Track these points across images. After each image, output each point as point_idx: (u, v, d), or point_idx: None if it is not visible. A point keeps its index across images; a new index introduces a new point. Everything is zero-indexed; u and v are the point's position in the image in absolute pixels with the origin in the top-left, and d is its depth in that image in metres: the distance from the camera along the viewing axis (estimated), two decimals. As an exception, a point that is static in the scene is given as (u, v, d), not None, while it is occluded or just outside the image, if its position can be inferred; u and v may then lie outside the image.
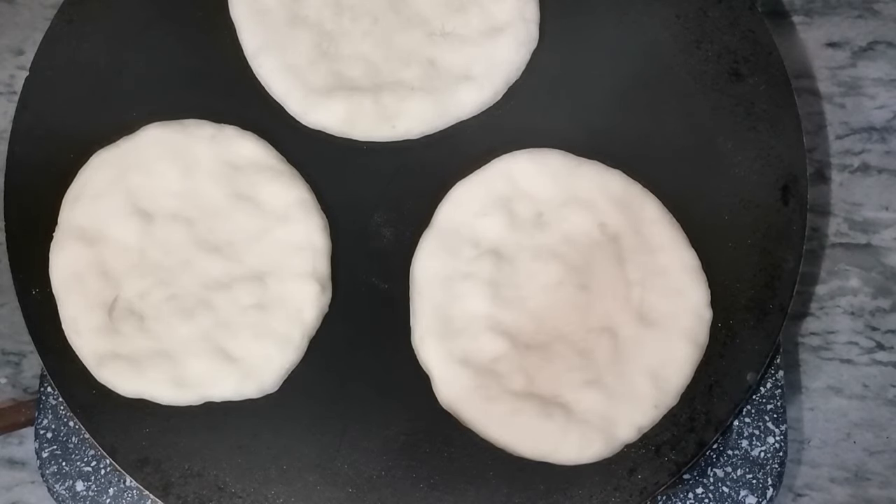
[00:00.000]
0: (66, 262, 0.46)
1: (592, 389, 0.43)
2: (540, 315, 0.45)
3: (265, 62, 0.49)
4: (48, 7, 0.61)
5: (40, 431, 0.49)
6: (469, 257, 0.46)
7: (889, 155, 0.57)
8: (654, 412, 0.44)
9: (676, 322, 0.44)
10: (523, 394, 0.44)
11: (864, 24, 0.59)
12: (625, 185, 0.46)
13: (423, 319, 0.45)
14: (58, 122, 0.49)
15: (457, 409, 0.44)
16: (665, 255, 0.45)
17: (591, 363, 0.44)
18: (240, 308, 0.45)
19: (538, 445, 0.43)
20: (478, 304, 0.45)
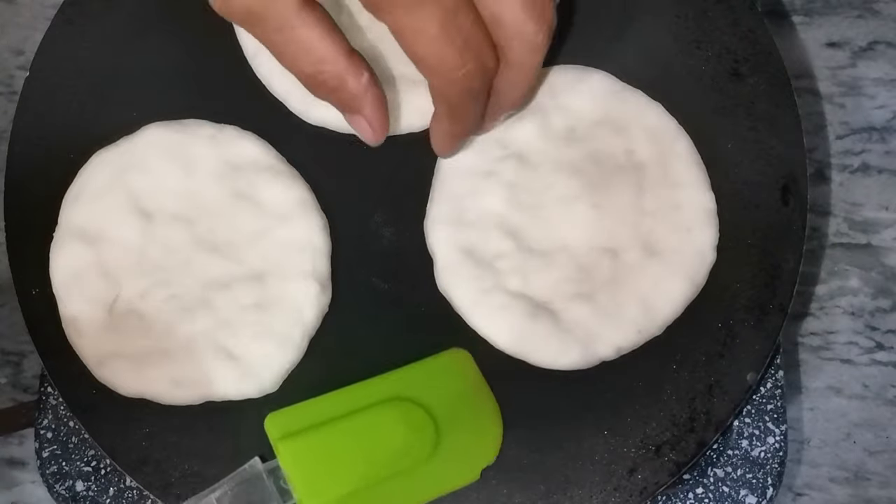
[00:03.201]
0: (66, 261, 0.46)
1: (583, 303, 0.45)
2: (550, 224, 0.46)
3: (265, 62, 0.49)
4: (48, 7, 0.61)
5: (40, 431, 0.49)
6: (495, 157, 0.47)
7: (889, 155, 0.57)
8: (637, 337, 0.45)
9: (679, 257, 0.45)
10: (516, 293, 0.45)
11: (864, 24, 0.59)
12: (662, 118, 0.47)
13: (439, 206, 0.47)
14: (58, 122, 0.49)
15: (451, 294, 0.45)
16: (684, 192, 0.46)
17: (588, 279, 0.45)
18: (240, 308, 0.45)
19: (518, 343, 0.45)
20: (493, 202, 0.46)
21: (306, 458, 0.42)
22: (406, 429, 0.43)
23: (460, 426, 0.44)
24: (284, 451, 0.42)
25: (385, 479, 0.42)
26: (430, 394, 0.44)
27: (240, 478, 0.42)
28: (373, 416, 0.43)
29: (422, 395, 0.44)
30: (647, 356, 0.45)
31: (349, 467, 0.42)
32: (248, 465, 0.42)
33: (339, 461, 0.42)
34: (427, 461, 0.43)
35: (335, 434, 0.42)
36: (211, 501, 0.41)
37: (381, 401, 0.43)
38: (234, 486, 0.41)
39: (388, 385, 0.44)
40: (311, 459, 0.42)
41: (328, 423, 0.43)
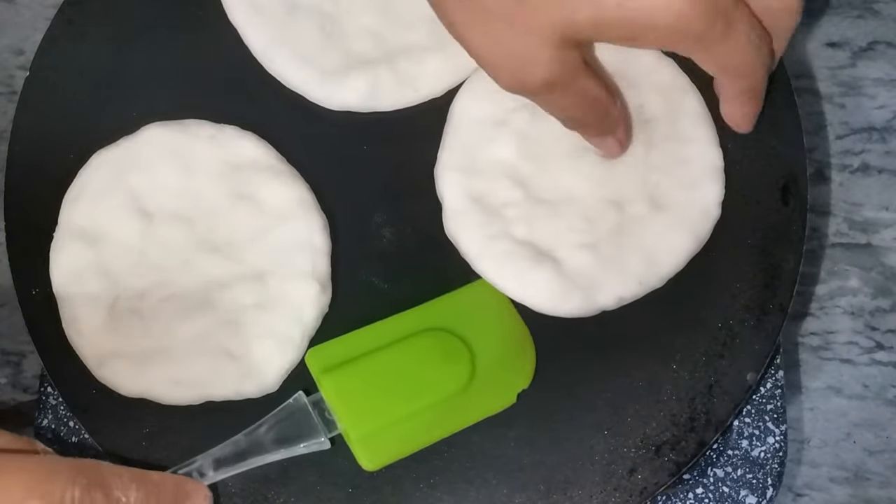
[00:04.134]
0: (66, 261, 0.46)
1: (586, 252, 0.45)
2: (558, 175, 0.47)
3: (276, 57, 0.49)
4: (48, 7, 0.61)
5: (40, 431, 0.49)
6: (508, 107, 0.47)
7: (889, 155, 0.57)
8: (638, 288, 0.45)
9: (684, 212, 0.46)
10: (522, 240, 0.46)
11: (864, 24, 0.59)
12: (674, 74, 0.48)
13: (450, 153, 0.47)
14: (58, 122, 0.49)
15: (458, 239, 0.46)
16: (692, 148, 0.47)
17: (593, 229, 0.46)
18: (240, 308, 0.45)
19: (521, 288, 0.45)
20: (504, 151, 0.47)
21: (349, 389, 0.43)
22: (443, 357, 0.44)
23: (495, 352, 0.45)
24: (327, 384, 0.43)
25: (425, 407, 0.44)
26: (464, 323, 0.45)
27: (285, 411, 0.43)
28: (411, 346, 0.44)
29: (456, 325, 0.45)
30: (647, 356, 0.45)
31: (391, 396, 0.43)
32: (293, 398, 0.43)
33: (380, 391, 0.43)
34: (464, 388, 0.44)
35: (375, 365, 0.44)
36: (259, 434, 0.42)
37: (417, 331, 0.45)
38: (280, 420, 0.43)
39: (423, 316, 0.46)
40: (353, 390, 0.43)
41: (367, 354, 0.44)
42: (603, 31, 0.39)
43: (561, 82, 0.40)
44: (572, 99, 0.42)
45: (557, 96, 0.41)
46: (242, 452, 0.42)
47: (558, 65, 0.40)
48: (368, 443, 0.43)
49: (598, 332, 0.46)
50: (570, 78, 0.41)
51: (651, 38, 0.40)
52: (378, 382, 0.44)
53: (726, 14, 0.39)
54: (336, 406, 0.43)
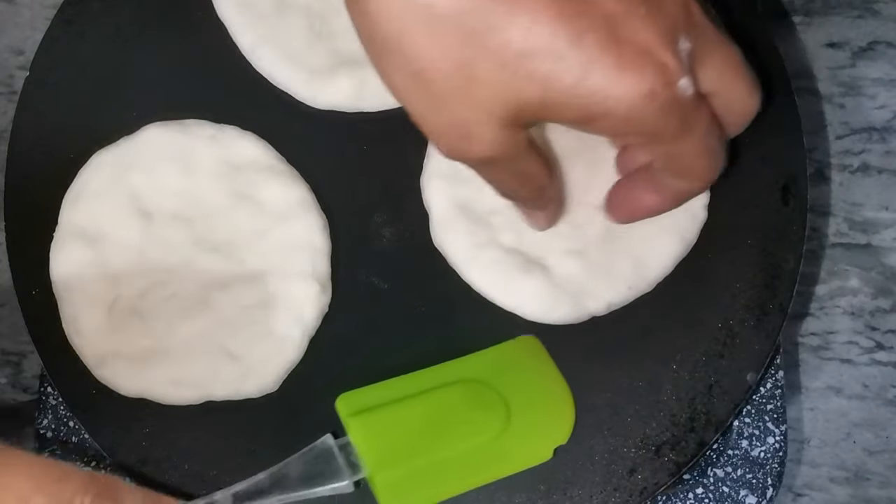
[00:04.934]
0: (66, 262, 0.46)
1: (575, 259, 0.45)
2: None
3: (264, 55, 0.48)
4: (48, 7, 0.61)
5: (40, 431, 0.49)
6: None
7: (889, 155, 0.57)
8: (628, 293, 0.45)
9: (671, 216, 0.45)
10: (510, 248, 0.46)
11: (864, 24, 0.59)
12: None
13: (436, 161, 0.47)
14: (58, 122, 0.49)
15: (445, 248, 0.46)
16: None
17: (581, 235, 0.46)
18: (240, 307, 0.45)
19: (511, 296, 0.45)
20: None
21: (376, 434, 0.42)
22: (476, 407, 0.43)
23: (531, 406, 0.44)
24: (355, 427, 0.42)
25: (455, 456, 0.43)
26: (501, 377, 0.44)
27: (311, 453, 0.42)
28: (443, 395, 0.44)
29: (492, 377, 0.44)
30: (647, 356, 0.45)
31: (419, 443, 0.42)
32: (320, 441, 0.42)
33: (408, 437, 0.43)
34: (498, 439, 0.43)
35: (405, 411, 0.43)
36: (282, 473, 0.41)
37: (451, 382, 0.44)
38: (305, 460, 0.42)
39: (458, 369, 0.45)
40: (380, 435, 0.42)
41: (398, 401, 0.43)
42: (552, 114, 0.36)
43: (501, 160, 0.38)
44: (512, 176, 0.40)
45: (496, 171, 0.40)
46: (263, 490, 0.41)
47: (500, 144, 0.37)
48: (393, 490, 0.42)
49: (597, 333, 0.46)
50: (511, 158, 0.38)
51: (604, 126, 0.36)
52: (407, 428, 0.43)
53: (684, 114, 0.36)
54: (362, 449, 0.42)
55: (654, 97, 0.35)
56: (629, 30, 0.34)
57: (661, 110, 0.35)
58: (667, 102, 0.35)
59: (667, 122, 0.36)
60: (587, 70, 0.34)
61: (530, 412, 0.44)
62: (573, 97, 0.35)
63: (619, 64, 0.34)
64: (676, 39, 0.35)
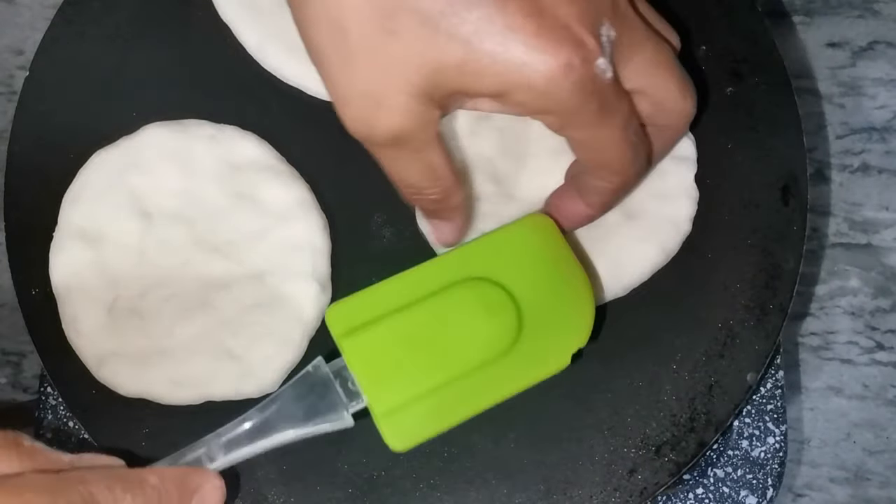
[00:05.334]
0: (66, 262, 0.46)
1: None
2: (535, 174, 0.46)
3: (271, 52, 0.49)
4: (48, 7, 0.61)
5: (40, 431, 0.49)
6: None
7: (889, 155, 0.57)
8: (601, 294, 0.45)
9: (654, 223, 0.46)
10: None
11: (864, 24, 0.59)
12: None
13: None
14: (58, 122, 0.49)
15: (427, 232, 0.46)
16: (670, 162, 0.46)
17: None
18: (240, 308, 0.45)
19: None
20: (484, 146, 0.47)
21: (375, 355, 0.38)
22: (484, 312, 0.38)
23: (545, 305, 0.39)
24: (350, 349, 0.38)
25: (463, 373, 0.38)
26: (509, 269, 0.39)
27: (302, 382, 0.38)
28: (445, 301, 0.39)
29: (499, 272, 0.39)
30: (647, 356, 0.45)
31: (423, 363, 0.38)
32: (311, 366, 0.38)
33: (410, 356, 0.38)
34: (509, 349, 0.38)
35: (405, 324, 0.38)
36: (274, 410, 0.38)
37: (454, 282, 0.39)
38: (298, 392, 0.38)
39: (460, 262, 0.40)
40: (379, 356, 0.38)
41: (396, 312, 0.38)
42: (469, 82, 0.35)
43: (410, 141, 0.37)
44: (417, 166, 0.38)
45: (403, 157, 0.38)
46: (255, 432, 0.37)
47: (412, 117, 0.36)
48: (397, 419, 0.38)
49: (597, 333, 0.46)
50: (420, 139, 0.37)
51: (520, 100, 0.35)
52: (408, 346, 0.38)
53: (603, 98, 0.36)
54: (361, 375, 0.37)
55: (571, 70, 0.34)
56: (552, 3, 0.35)
57: (578, 86, 0.35)
58: (583, 79, 0.35)
59: (583, 102, 0.35)
60: (507, 36, 0.34)
61: (544, 312, 0.39)
62: (492, 63, 0.34)
63: (539, 33, 0.34)
64: (599, 24, 0.36)
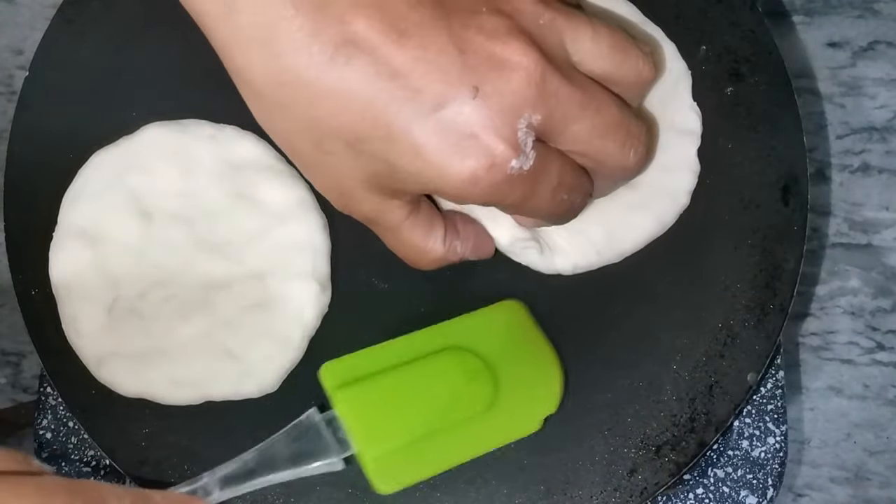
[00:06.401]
0: (65, 262, 0.46)
1: None
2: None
3: None
4: (48, 7, 0.61)
5: (40, 431, 0.49)
6: None
7: (889, 155, 0.57)
8: (595, 258, 0.45)
9: (653, 193, 0.46)
10: None
11: (864, 23, 0.59)
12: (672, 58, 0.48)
13: None
14: (58, 122, 0.49)
15: None
16: (674, 134, 0.47)
17: None
18: (240, 308, 0.45)
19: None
20: None
21: (364, 408, 0.41)
22: (463, 377, 0.42)
23: (519, 375, 0.43)
24: (341, 401, 0.41)
25: (443, 429, 0.42)
26: (486, 343, 0.44)
27: (297, 429, 0.41)
28: (429, 364, 0.43)
29: (478, 344, 0.43)
30: (647, 356, 0.45)
31: (407, 417, 0.42)
32: (305, 415, 0.41)
33: (396, 411, 0.42)
34: (486, 411, 0.42)
35: (392, 382, 0.42)
36: (269, 452, 0.41)
37: (438, 350, 0.43)
38: (292, 437, 0.41)
39: (443, 334, 0.44)
40: (368, 409, 0.41)
41: (384, 371, 0.42)
42: (401, 185, 0.39)
43: (380, 222, 0.41)
44: (396, 243, 0.42)
45: (381, 232, 0.42)
46: (251, 471, 0.40)
47: (375, 205, 0.40)
48: (383, 465, 0.41)
49: (597, 332, 0.46)
50: (390, 223, 0.41)
51: (448, 198, 0.40)
52: (395, 401, 0.42)
53: (523, 184, 0.38)
54: (350, 425, 0.41)
55: (476, 182, 0.37)
56: (455, 114, 0.36)
57: (491, 189, 0.37)
58: (494, 182, 0.37)
59: (502, 195, 0.38)
60: (416, 156, 0.37)
61: (518, 381, 0.43)
62: (411, 175, 0.37)
63: (441, 149, 0.36)
64: (518, 116, 0.37)
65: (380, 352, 0.43)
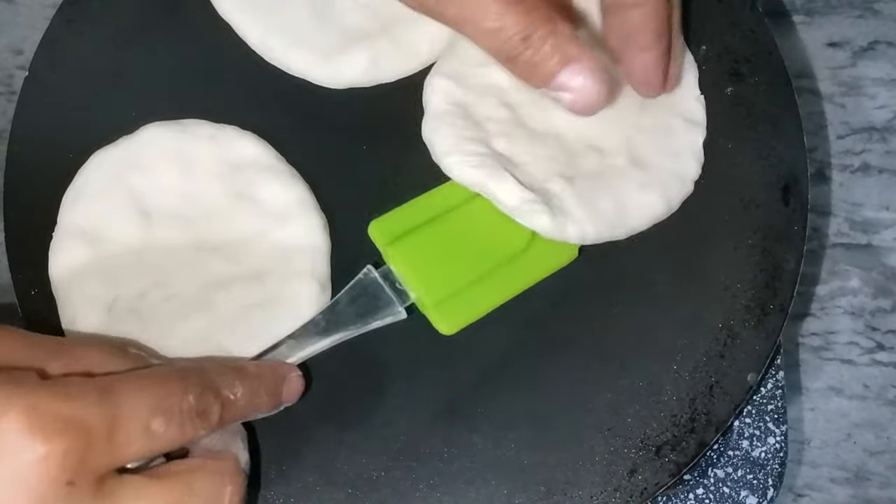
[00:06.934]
0: (65, 262, 0.46)
1: (562, 181, 0.46)
2: (548, 110, 0.47)
3: (275, 46, 0.49)
4: (48, 7, 0.61)
5: (40, 432, 0.49)
6: None
7: (889, 155, 0.57)
8: (607, 231, 0.46)
9: (661, 176, 0.46)
10: (497, 153, 0.46)
11: (864, 23, 0.59)
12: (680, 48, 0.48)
13: (446, 63, 0.48)
14: (58, 122, 0.49)
15: (432, 138, 0.46)
16: (681, 123, 0.47)
17: (571, 164, 0.46)
18: (239, 307, 0.45)
19: (490, 188, 0.45)
20: (499, 76, 0.47)
21: (416, 258, 0.44)
22: (502, 217, 0.45)
23: None
24: (395, 254, 0.44)
25: (491, 269, 0.44)
26: None
27: (357, 287, 0.44)
28: (469, 209, 0.45)
29: None
30: (647, 356, 0.45)
31: (457, 261, 0.44)
32: (363, 273, 0.44)
33: (446, 256, 0.44)
34: (526, 247, 0.45)
35: (438, 231, 0.45)
36: (335, 312, 0.43)
37: (474, 195, 0.45)
38: (354, 295, 0.44)
39: None
40: (420, 258, 0.44)
41: (429, 221, 0.45)
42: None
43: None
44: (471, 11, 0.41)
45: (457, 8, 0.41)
46: (322, 332, 0.43)
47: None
48: (443, 309, 0.44)
49: (598, 332, 0.46)
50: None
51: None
52: (443, 248, 0.44)
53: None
54: (407, 276, 0.44)
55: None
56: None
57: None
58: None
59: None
60: None
61: None
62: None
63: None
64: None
65: (423, 202, 0.46)
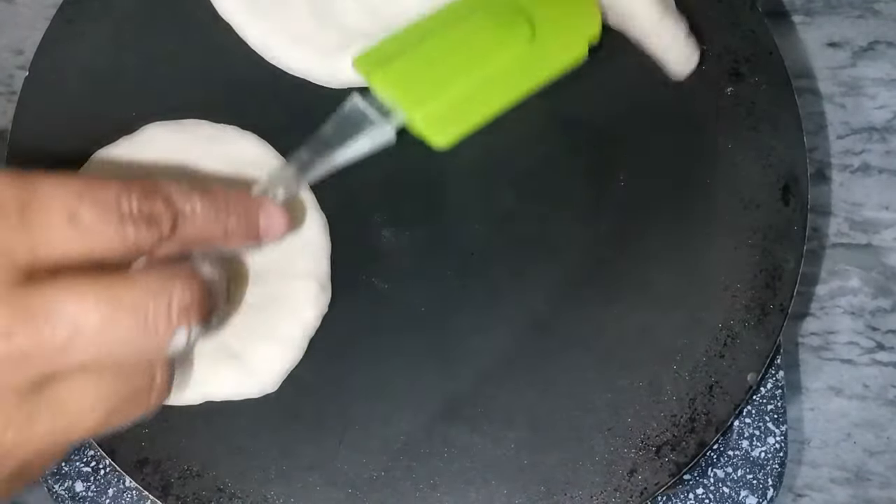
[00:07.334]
0: (65, 262, 0.46)
1: None
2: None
3: (275, 46, 0.49)
4: (48, 7, 0.61)
5: (40, 431, 0.49)
6: None
7: (889, 155, 0.57)
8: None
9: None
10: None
11: (864, 23, 0.59)
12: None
13: None
14: (58, 122, 0.49)
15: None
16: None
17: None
18: (239, 307, 0.45)
19: None
20: None
21: (403, 78, 0.42)
22: (497, 26, 0.42)
23: (554, 5, 0.43)
24: (379, 78, 0.42)
25: (488, 75, 0.42)
26: None
27: (340, 114, 0.41)
28: (461, 26, 0.43)
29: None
30: (647, 356, 0.45)
31: (447, 74, 0.42)
32: (347, 101, 0.42)
33: (435, 72, 0.42)
34: (527, 48, 0.42)
35: (426, 51, 0.42)
36: (321, 139, 0.41)
37: (466, 15, 0.43)
38: (337, 123, 0.41)
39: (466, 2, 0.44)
40: (408, 78, 0.42)
41: (415, 45, 0.43)
42: None
43: None
44: None
45: None
46: (307, 163, 0.41)
47: None
48: (434, 120, 0.42)
49: (598, 332, 0.46)
50: None
51: None
52: (432, 65, 0.42)
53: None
54: (393, 95, 0.41)
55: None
56: None
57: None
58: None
59: None
60: None
61: (554, 12, 0.43)
62: None
63: None
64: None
65: (410, 31, 0.44)
